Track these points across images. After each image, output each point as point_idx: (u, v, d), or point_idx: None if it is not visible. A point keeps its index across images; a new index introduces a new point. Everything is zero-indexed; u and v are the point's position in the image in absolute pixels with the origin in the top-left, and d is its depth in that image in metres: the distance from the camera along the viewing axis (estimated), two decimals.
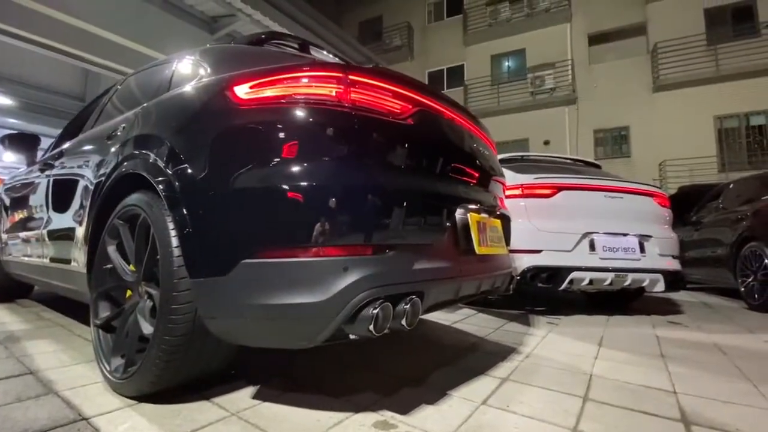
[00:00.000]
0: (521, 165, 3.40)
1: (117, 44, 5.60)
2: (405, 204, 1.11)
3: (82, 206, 1.69)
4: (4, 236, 2.72)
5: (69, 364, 1.52)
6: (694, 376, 1.66)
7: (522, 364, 1.76)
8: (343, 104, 1.08)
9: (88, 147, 1.85)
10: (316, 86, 1.09)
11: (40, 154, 2.83)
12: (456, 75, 15.36)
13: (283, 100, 1.09)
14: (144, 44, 5.79)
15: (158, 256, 1.15)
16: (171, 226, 1.13)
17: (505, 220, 1.78)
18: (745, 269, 3.92)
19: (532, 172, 3.13)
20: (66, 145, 2.20)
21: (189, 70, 1.60)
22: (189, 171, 1.13)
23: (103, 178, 1.52)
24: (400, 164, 1.15)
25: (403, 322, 1.04)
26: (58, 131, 2.84)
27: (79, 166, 1.80)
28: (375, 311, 0.97)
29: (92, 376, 1.38)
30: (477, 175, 1.51)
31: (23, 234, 2.38)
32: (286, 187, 1.00)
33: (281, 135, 1.06)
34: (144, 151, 1.31)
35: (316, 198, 1.00)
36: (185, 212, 1.09)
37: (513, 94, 13.76)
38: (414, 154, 1.20)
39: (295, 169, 1.02)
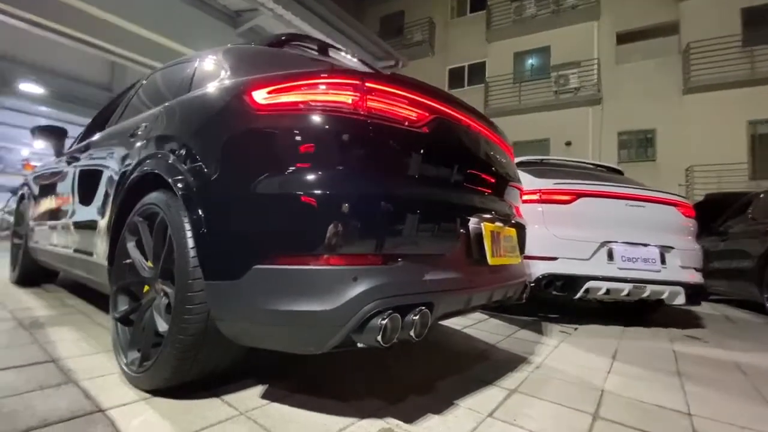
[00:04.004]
0: (540, 169, 3.34)
1: (143, 37, 5.71)
2: (418, 214, 1.11)
3: (104, 200, 1.74)
4: (32, 223, 2.83)
5: (89, 353, 1.58)
6: (711, 397, 1.61)
7: (532, 375, 1.74)
8: (359, 112, 1.08)
9: (111, 142, 1.90)
10: (333, 93, 1.09)
11: (68, 142, 2.93)
12: (477, 72, 15.13)
13: (299, 107, 1.09)
14: (169, 37, 5.89)
15: (174, 256, 1.17)
16: (187, 227, 1.15)
17: (521, 229, 1.75)
18: None
19: (551, 177, 3.06)
20: (92, 139, 2.27)
21: (210, 70, 1.62)
22: (206, 173, 1.15)
23: (124, 175, 1.57)
24: (415, 174, 1.15)
25: (412, 333, 1.04)
26: (86, 119, 2.94)
27: (103, 161, 1.86)
28: (383, 322, 0.97)
29: (110, 367, 1.43)
30: (493, 183, 1.49)
31: (50, 223, 2.47)
32: (299, 194, 1.01)
33: (297, 142, 1.07)
34: (164, 152, 1.34)
35: (328, 206, 1.00)
36: (201, 215, 1.12)
37: (535, 92, 13.47)
38: (429, 163, 1.19)
39: (309, 176, 1.02)
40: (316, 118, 1.07)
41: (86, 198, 1.96)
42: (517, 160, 3.54)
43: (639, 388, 1.65)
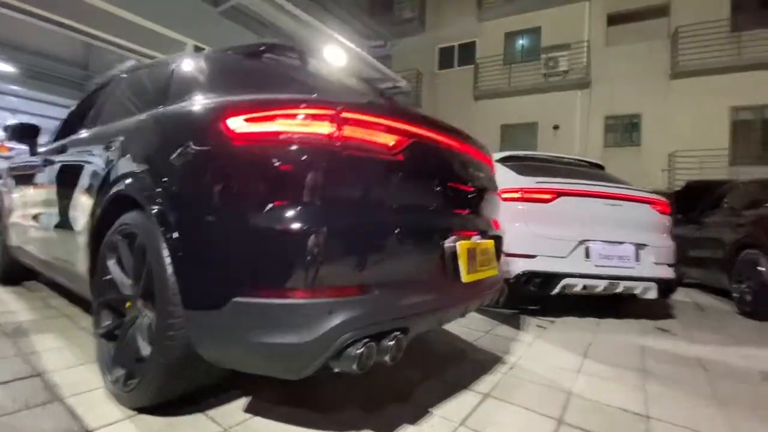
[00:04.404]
0: (524, 165, 3.37)
1: (116, 16, 5.45)
2: (394, 244, 1.14)
3: (83, 211, 1.73)
4: (9, 222, 2.78)
5: (74, 365, 1.61)
6: (670, 398, 1.72)
7: (505, 377, 1.83)
8: (335, 144, 1.09)
9: (88, 150, 1.86)
10: (308, 124, 1.09)
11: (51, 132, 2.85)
12: (468, 52, 14.87)
13: (275, 137, 1.10)
14: (145, 17, 5.64)
15: (154, 280, 1.19)
16: (166, 253, 1.16)
17: (498, 240, 1.80)
18: (740, 274, 3.95)
19: (533, 175, 3.11)
20: (69, 139, 2.23)
21: (187, 79, 1.60)
22: (181, 201, 1.17)
23: (102, 189, 1.55)
24: (392, 203, 1.17)
25: (387, 357, 1.09)
26: (60, 99, 2.82)
27: (81, 170, 1.82)
28: (359, 351, 1.02)
29: (95, 380, 1.46)
30: (470, 202, 1.52)
31: (28, 225, 2.44)
32: (274, 228, 1.03)
33: (271, 173, 1.07)
34: (139, 173, 1.33)
35: (303, 240, 1.01)
36: (178, 244, 1.13)
37: (525, 75, 13.37)
38: (406, 191, 1.22)
39: (284, 209, 1.04)
40: (292, 150, 1.08)
41: (64, 205, 1.93)
42: (502, 155, 3.59)
43: (604, 389, 1.76)
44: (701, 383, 1.92)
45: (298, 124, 1.09)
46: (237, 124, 1.14)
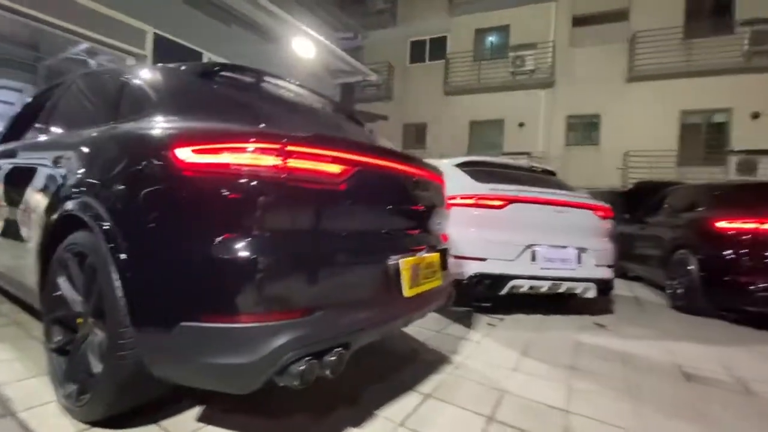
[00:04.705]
0: (480, 171, 3.53)
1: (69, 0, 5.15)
2: (337, 268, 1.25)
3: (31, 222, 1.72)
4: None
5: (26, 377, 1.63)
6: (591, 393, 1.93)
7: (449, 377, 1.99)
8: (280, 175, 1.17)
9: (38, 160, 1.84)
10: (255, 158, 1.16)
11: None
12: (439, 47, 15.00)
13: (221, 169, 1.16)
14: (103, 2, 5.37)
15: (104, 301, 1.24)
16: (116, 276, 1.21)
17: (443, 252, 1.93)
18: (674, 272, 4.33)
19: (488, 181, 3.28)
20: (17, 145, 2.18)
21: (139, 95, 1.61)
22: (129, 227, 1.22)
23: (51, 204, 1.56)
24: (336, 230, 1.27)
25: (328, 372, 1.20)
26: (8, 82, 2.62)
27: (28, 182, 1.80)
28: (301, 368, 1.12)
29: (47, 394, 1.48)
30: (417, 221, 1.64)
31: None
32: (219, 256, 1.10)
33: (218, 204, 1.14)
34: (88, 194, 1.36)
35: (248, 269, 1.09)
36: (127, 269, 1.18)
37: (494, 72, 13.67)
38: (351, 217, 1.32)
39: (229, 239, 1.11)
40: (238, 181, 1.15)
41: (13, 215, 1.90)
42: (460, 160, 3.74)
43: (534, 387, 1.95)
44: (622, 379, 2.15)
45: (244, 157, 1.16)
46: (185, 154, 1.19)
